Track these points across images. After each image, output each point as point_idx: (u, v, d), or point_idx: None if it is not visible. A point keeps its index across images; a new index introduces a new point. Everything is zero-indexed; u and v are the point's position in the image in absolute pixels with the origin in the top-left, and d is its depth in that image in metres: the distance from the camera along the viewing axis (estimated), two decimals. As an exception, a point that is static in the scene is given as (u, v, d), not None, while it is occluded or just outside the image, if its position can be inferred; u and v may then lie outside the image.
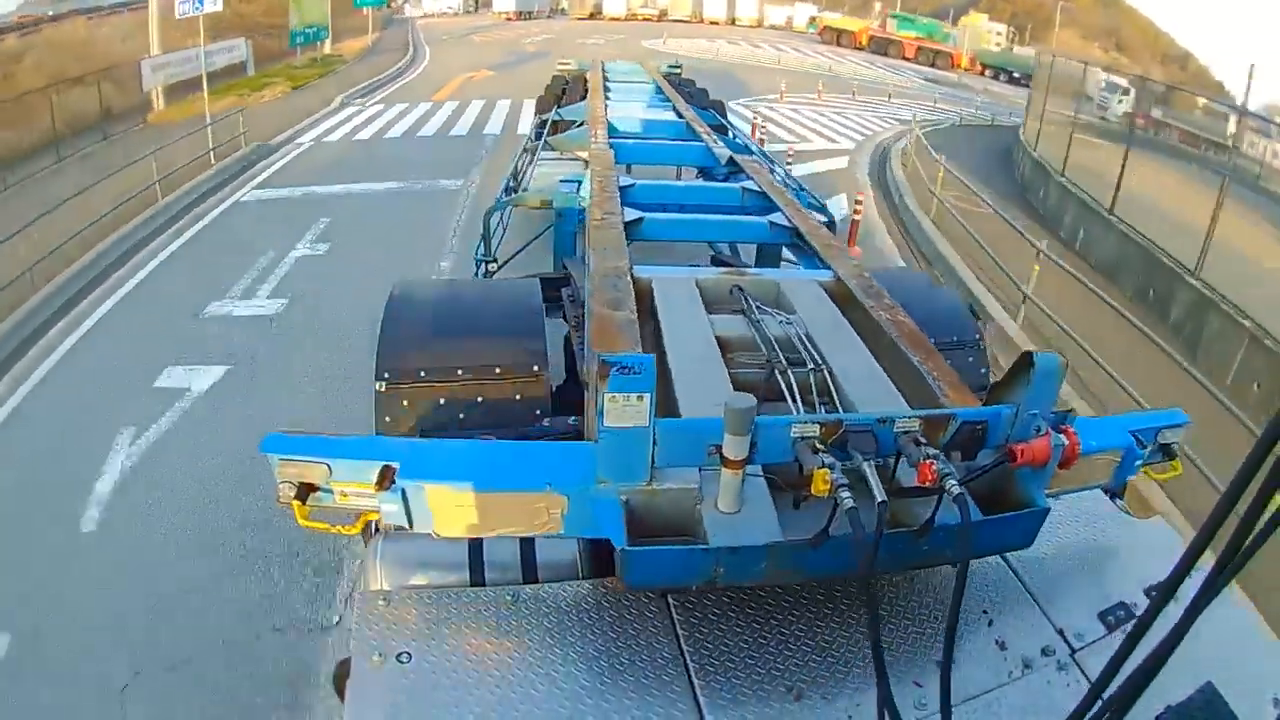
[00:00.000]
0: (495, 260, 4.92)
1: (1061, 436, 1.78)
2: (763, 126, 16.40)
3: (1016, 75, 22.91)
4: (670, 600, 1.80)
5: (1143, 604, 1.90)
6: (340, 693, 1.66)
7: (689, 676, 1.65)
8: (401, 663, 1.60)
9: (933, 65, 37.82)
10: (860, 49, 40.24)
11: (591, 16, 48.73)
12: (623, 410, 1.59)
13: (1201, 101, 14.40)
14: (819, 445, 1.67)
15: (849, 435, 1.69)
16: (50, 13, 20.94)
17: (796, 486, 1.71)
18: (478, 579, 1.89)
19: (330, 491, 1.69)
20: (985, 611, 1.86)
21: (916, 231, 11.75)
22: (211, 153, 13.28)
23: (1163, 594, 1.01)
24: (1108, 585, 1.97)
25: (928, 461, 1.61)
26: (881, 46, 40.40)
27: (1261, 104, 13.22)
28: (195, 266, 9.47)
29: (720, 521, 1.70)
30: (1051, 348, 4.09)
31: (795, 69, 29.56)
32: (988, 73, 37.05)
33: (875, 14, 44.24)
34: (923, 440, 1.71)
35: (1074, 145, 13.27)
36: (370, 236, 10.19)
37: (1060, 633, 1.83)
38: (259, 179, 13.02)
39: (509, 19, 45.44)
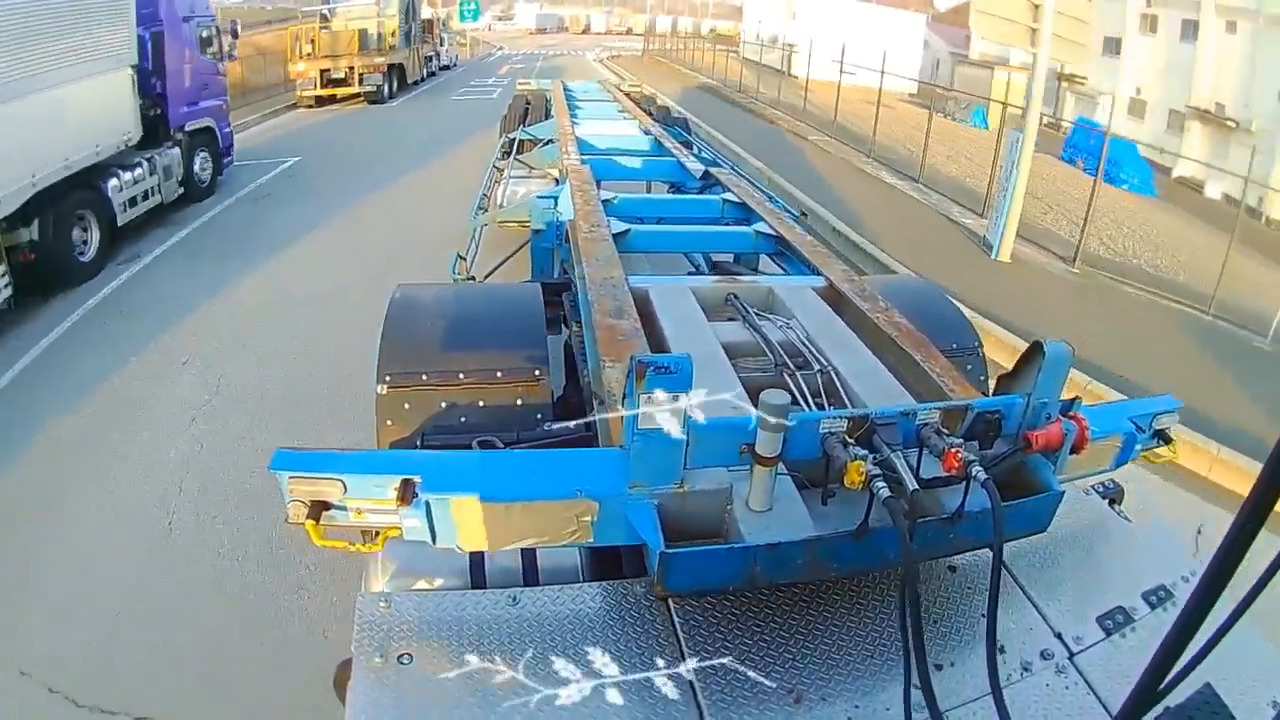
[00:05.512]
0: (474, 278, 4.90)
1: (1072, 423, 1.85)
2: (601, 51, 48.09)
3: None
4: (671, 604, 1.78)
5: (1141, 608, 1.90)
6: (341, 694, 1.64)
7: (690, 679, 1.63)
8: (403, 664, 1.59)
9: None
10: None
11: (584, 32, 75.27)
12: (658, 411, 1.58)
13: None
14: (847, 440, 1.70)
15: (876, 429, 1.71)
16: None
17: (821, 482, 1.75)
18: (479, 582, 1.89)
19: (345, 509, 1.65)
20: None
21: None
22: (473, 53, 46.60)
23: (1186, 622, 0.99)
24: (1106, 590, 1.95)
25: (953, 450, 1.63)
26: (748, 43, 70.22)
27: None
28: (496, 61, 42.94)
29: (753, 520, 1.69)
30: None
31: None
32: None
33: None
34: (944, 431, 1.76)
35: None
36: (525, 55, 44.73)
37: (1059, 636, 1.81)
38: (496, 55, 46.73)
39: (530, 33, 71.45)
